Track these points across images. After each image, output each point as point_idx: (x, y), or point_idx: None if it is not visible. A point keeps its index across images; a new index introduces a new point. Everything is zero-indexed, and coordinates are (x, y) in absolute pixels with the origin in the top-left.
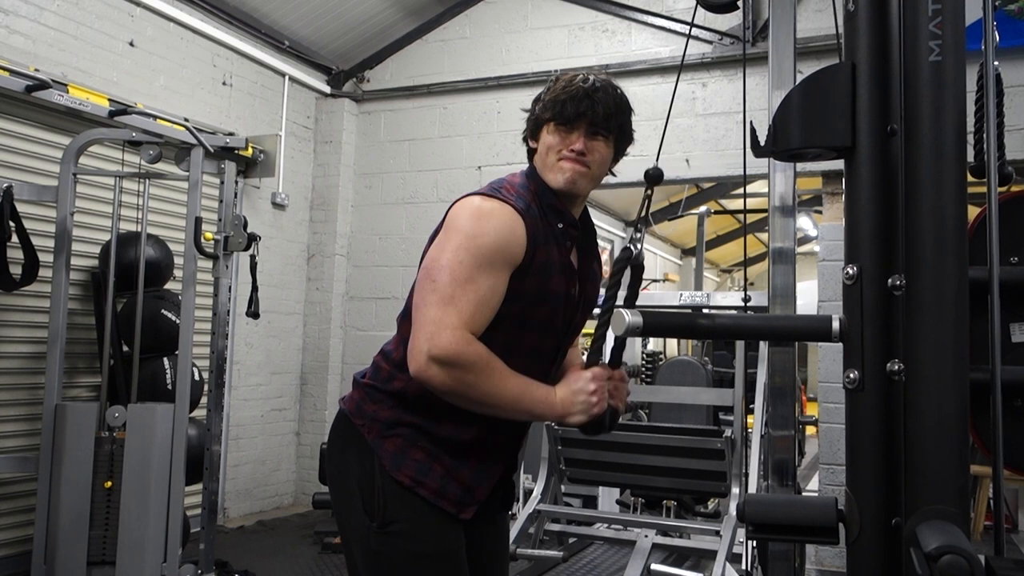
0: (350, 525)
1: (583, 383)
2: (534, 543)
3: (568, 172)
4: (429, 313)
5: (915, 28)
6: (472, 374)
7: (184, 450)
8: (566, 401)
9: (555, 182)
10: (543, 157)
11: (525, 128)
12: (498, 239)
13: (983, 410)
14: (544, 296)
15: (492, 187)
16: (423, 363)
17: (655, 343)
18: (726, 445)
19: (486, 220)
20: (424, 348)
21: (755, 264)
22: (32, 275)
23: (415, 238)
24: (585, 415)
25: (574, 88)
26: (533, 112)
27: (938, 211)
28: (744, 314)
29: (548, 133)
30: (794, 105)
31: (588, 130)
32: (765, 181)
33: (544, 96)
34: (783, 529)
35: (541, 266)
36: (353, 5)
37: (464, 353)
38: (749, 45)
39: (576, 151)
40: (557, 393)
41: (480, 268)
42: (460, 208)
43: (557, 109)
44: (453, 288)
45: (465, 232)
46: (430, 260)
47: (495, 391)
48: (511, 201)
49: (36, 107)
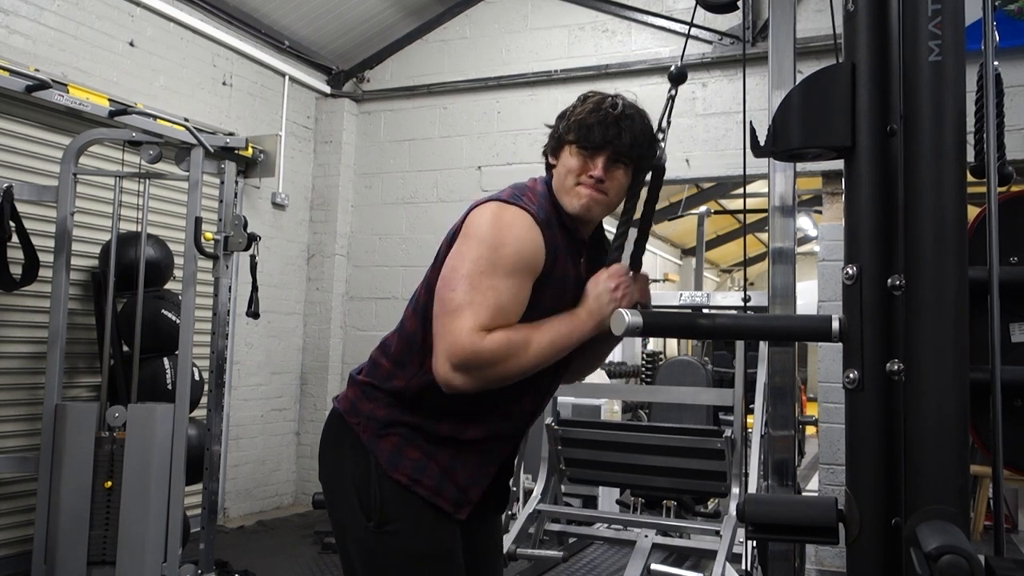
0: (346, 525)
1: (603, 284)
2: (534, 543)
3: (584, 199)
4: (447, 324)
5: (915, 28)
6: (495, 366)
7: (184, 450)
8: (593, 311)
9: (570, 207)
10: (561, 178)
11: (547, 143)
12: (519, 249)
13: (983, 410)
14: (560, 310)
15: (514, 193)
16: (447, 373)
17: (655, 343)
18: (726, 445)
19: (507, 230)
20: (444, 359)
21: (755, 264)
22: (32, 275)
23: (415, 238)
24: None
25: (603, 113)
26: (557, 130)
27: (938, 211)
28: (744, 314)
29: (570, 155)
30: (794, 105)
31: (611, 157)
32: (765, 181)
33: (570, 115)
34: (783, 529)
35: (559, 280)
36: (353, 5)
37: (481, 351)
38: (749, 45)
39: (596, 178)
40: (583, 311)
41: (499, 276)
42: (480, 214)
43: (583, 133)
44: (472, 296)
45: (486, 242)
46: (449, 270)
47: (527, 362)
48: (532, 210)
49: (36, 107)
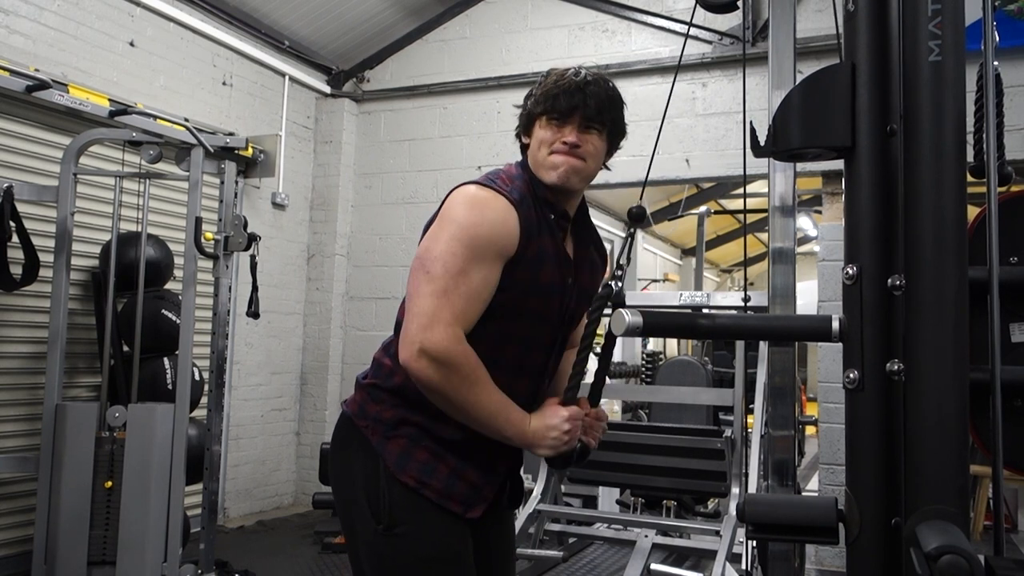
0: (355, 528)
1: (558, 420)
2: (534, 543)
3: (561, 168)
4: (423, 304)
5: (915, 28)
6: (458, 376)
7: (184, 450)
8: (538, 433)
9: (548, 178)
10: (535, 153)
11: (518, 124)
12: (492, 230)
13: (983, 410)
14: (535, 286)
15: (488, 177)
16: (413, 353)
17: (655, 343)
18: (726, 445)
19: (480, 211)
20: (417, 339)
21: (755, 264)
22: (32, 275)
23: (415, 238)
24: (553, 451)
25: (566, 82)
26: (525, 107)
27: (938, 211)
28: (744, 314)
29: (540, 127)
30: (794, 105)
31: (581, 123)
32: (765, 181)
33: (536, 91)
34: (783, 529)
35: (533, 257)
36: (353, 5)
37: (454, 352)
38: (749, 45)
39: (569, 143)
40: (531, 422)
41: (472, 259)
42: (455, 197)
43: (549, 103)
44: (446, 280)
45: (459, 222)
46: (424, 250)
47: (475, 399)
48: (505, 192)
49: (36, 107)
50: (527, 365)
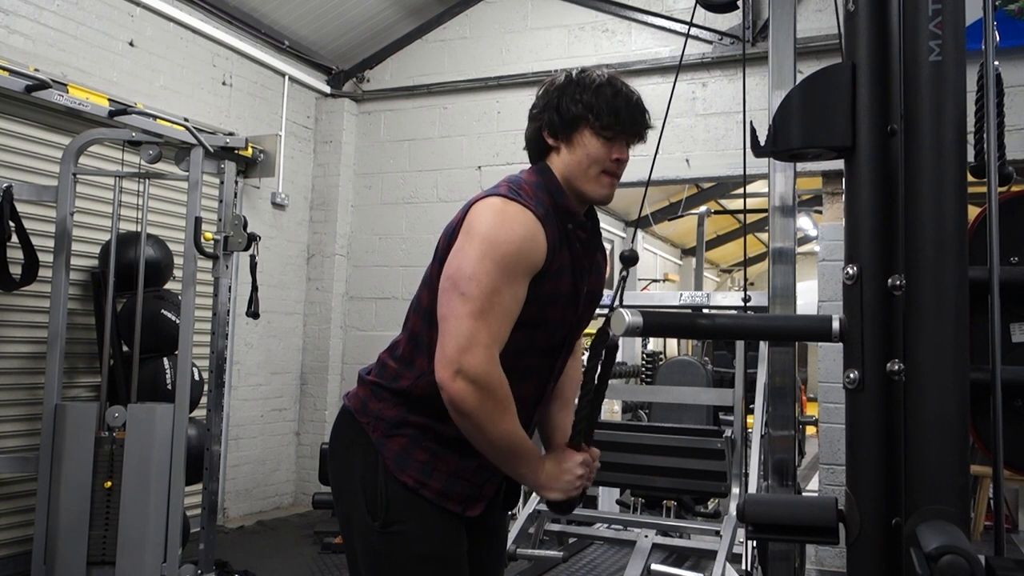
0: (352, 523)
1: (572, 465)
2: (534, 543)
3: (608, 188)
4: (461, 326)
5: (915, 28)
6: (492, 400)
7: (184, 450)
8: (551, 476)
9: (595, 194)
10: (583, 166)
11: (547, 122)
12: (523, 247)
13: (983, 410)
14: (555, 298)
15: (511, 188)
16: (451, 375)
17: (655, 343)
18: (726, 445)
19: (510, 227)
20: (456, 360)
21: (755, 264)
22: (32, 275)
23: (415, 238)
24: (563, 495)
25: (624, 97)
26: (568, 110)
27: (938, 211)
28: (744, 314)
29: (591, 138)
30: (794, 105)
31: (631, 141)
32: (765, 181)
33: (583, 96)
34: (783, 529)
35: (556, 271)
36: (353, 5)
37: (493, 375)
38: (749, 45)
39: (622, 161)
40: (545, 465)
41: (505, 278)
42: (482, 210)
43: (612, 117)
44: (482, 301)
45: (490, 240)
46: (455, 269)
47: (503, 427)
48: (531, 206)
49: (36, 107)
50: (536, 370)
